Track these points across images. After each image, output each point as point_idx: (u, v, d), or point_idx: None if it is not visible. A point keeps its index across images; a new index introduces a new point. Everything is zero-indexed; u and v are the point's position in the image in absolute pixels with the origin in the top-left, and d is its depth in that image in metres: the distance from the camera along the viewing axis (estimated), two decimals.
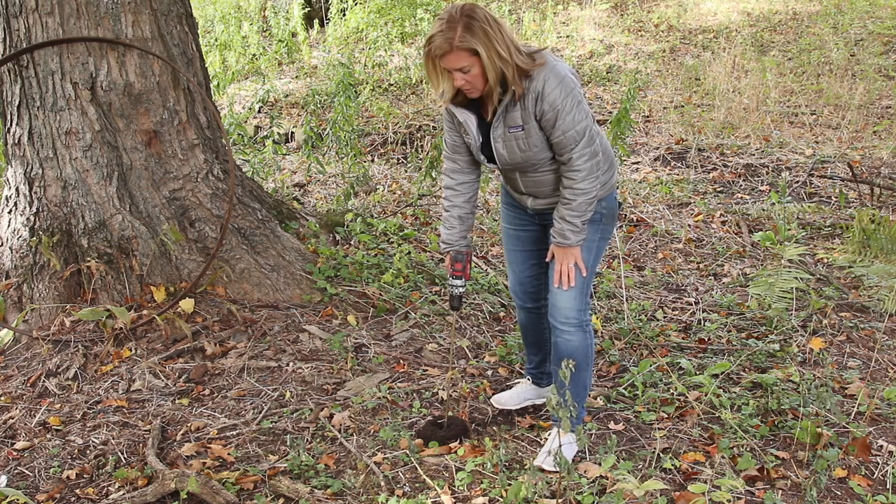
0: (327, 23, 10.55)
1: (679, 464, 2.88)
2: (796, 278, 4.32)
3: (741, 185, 6.43)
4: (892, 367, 3.64)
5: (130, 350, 3.70)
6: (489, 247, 5.21)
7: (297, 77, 9.28)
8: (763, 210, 5.80)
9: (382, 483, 2.80)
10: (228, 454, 3.00)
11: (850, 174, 6.14)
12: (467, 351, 3.85)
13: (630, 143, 7.24)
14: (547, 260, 2.88)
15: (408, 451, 2.97)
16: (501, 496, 2.69)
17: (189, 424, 3.22)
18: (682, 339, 3.98)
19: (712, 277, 4.82)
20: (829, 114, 7.89)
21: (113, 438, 3.13)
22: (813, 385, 3.35)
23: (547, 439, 2.99)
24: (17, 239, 3.93)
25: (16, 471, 2.97)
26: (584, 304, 2.87)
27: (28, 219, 3.91)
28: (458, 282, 2.96)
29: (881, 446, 2.98)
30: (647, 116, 8.05)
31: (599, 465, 2.82)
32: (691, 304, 4.40)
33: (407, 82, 8.83)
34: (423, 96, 8.46)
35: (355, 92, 7.19)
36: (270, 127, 7.73)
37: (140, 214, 3.94)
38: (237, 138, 6.95)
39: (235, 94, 8.62)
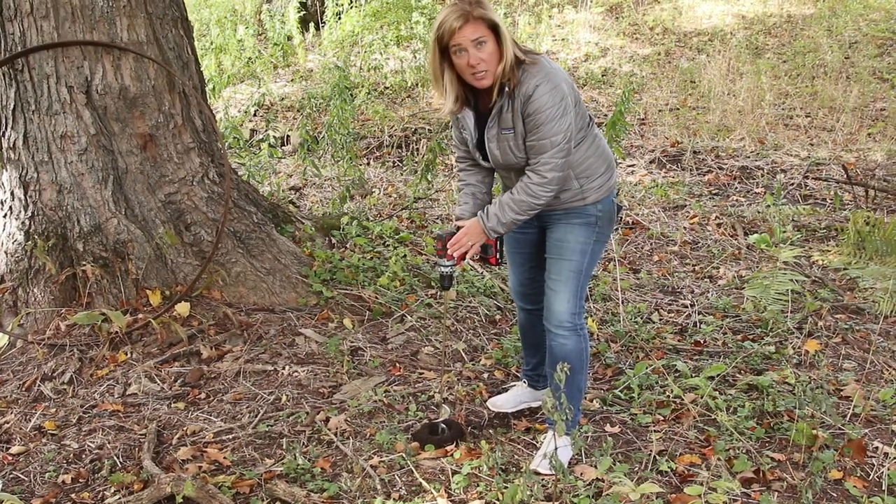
0: (323, 26, 10.55)
1: (675, 466, 2.88)
2: (791, 280, 4.33)
3: (736, 188, 6.44)
4: (888, 368, 3.65)
5: (126, 354, 3.70)
6: None
7: (292, 80, 9.29)
8: (758, 212, 5.81)
9: (378, 486, 2.79)
10: (224, 458, 3.00)
11: (845, 176, 6.16)
12: (463, 354, 3.84)
13: (625, 145, 7.25)
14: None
15: (404, 455, 2.97)
16: (498, 499, 2.68)
17: (185, 428, 3.21)
18: (678, 341, 3.99)
19: (708, 280, 4.82)
20: (824, 116, 7.91)
21: (109, 442, 3.13)
22: (808, 387, 3.36)
23: (543, 442, 2.99)
24: (13, 243, 3.92)
25: (11, 475, 2.96)
26: (579, 307, 2.87)
27: (23, 223, 3.91)
28: (445, 261, 2.91)
29: (876, 448, 2.99)
30: (643, 119, 8.06)
31: (595, 467, 2.82)
32: (687, 307, 4.40)
33: (402, 85, 8.84)
34: (419, 99, 8.47)
35: (351, 95, 7.21)
36: (266, 130, 7.72)
37: (136, 218, 3.94)
38: (233, 142, 6.95)
39: (231, 98, 8.62)
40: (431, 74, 2.68)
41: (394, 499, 2.73)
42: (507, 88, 2.61)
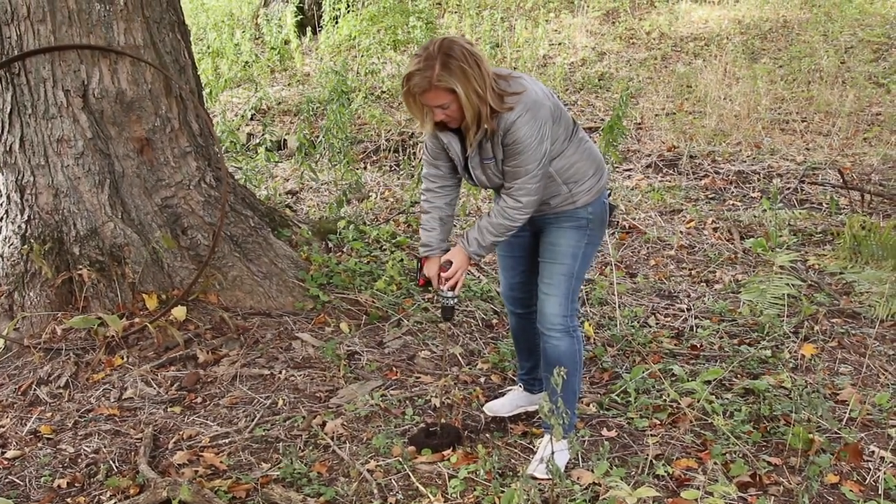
0: (320, 30, 10.56)
1: (672, 470, 2.88)
2: (788, 284, 4.33)
3: (733, 192, 6.45)
4: (884, 372, 3.66)
5: (122, 358, 3.69)
6: None
7: (289, 84, 9.28)
8: (755, 216, 5.82)
9: (375, 491, 2.79)
10: (221, 462, 2.99)
11: (841, 181, 6.17)
12: (460, 358, 3.84)
13: (622, 150, 7.26)
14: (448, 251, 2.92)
15: (401, 459, 2.97)
16: (494, 503, 2.68)
17: (181, 432, 3.21)
18: (675, 345, 3.99)
19: (704, 284, 4.83)
20: (820, 121, 7.93)
21: (105, 447, 3.12)
22: (805, 391, 3.36)
23: (539, 446, 2.99)
24: (9, 247, 3.92)
25: (6, 480, 2.95)
26: (571, 309, 2.88)
27: (19, 226, 3.90)
28: (451, 293, 2.93)
29: (873, 452, 2.99)
30: (639, 124, 8.07)
31: (592, 471, 2.82)
32: (683, 311, 4.41)
33: (399, 90, 8.83)
34: None
35: (348, 99, 7.20)
36: (263, 134, 7.72)
37: (132, 222, 3.94)
38: (230, 146, 6.95)
39: (228, 102, 8.61)
40: (408, 109, 2.70)
41: (390, 503, 2.73)
42: (486, 130, 2.63)
